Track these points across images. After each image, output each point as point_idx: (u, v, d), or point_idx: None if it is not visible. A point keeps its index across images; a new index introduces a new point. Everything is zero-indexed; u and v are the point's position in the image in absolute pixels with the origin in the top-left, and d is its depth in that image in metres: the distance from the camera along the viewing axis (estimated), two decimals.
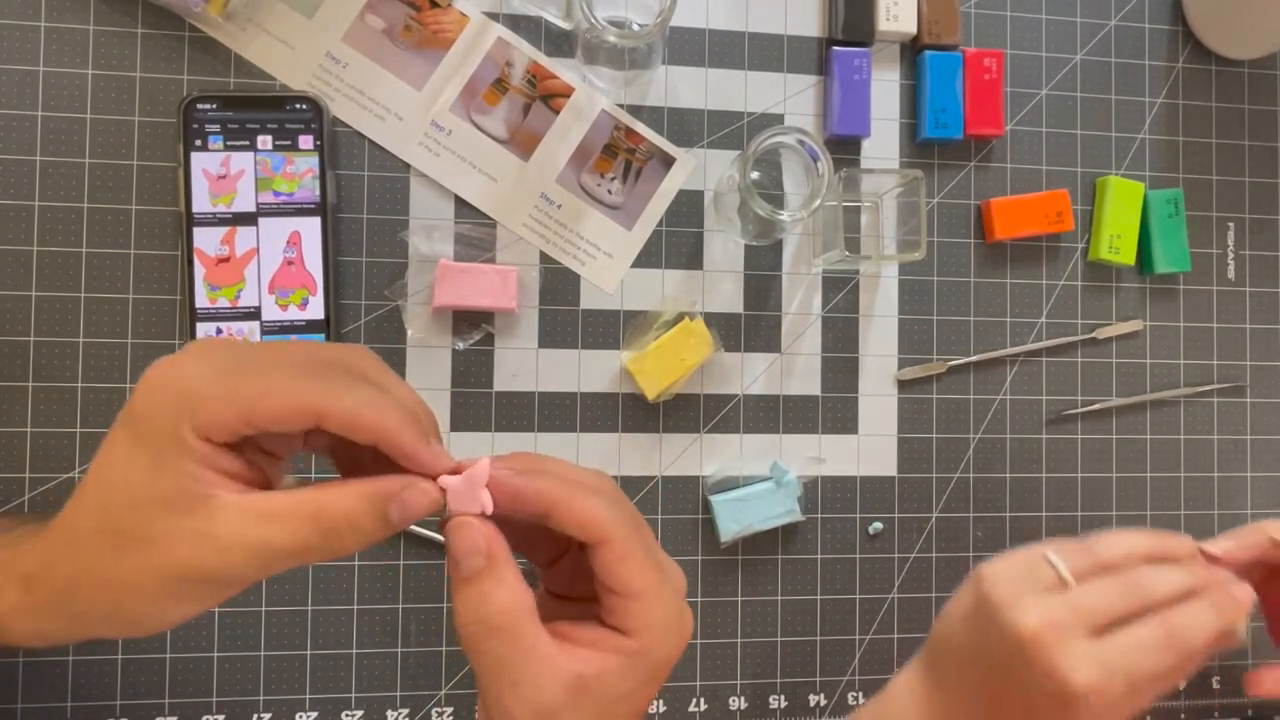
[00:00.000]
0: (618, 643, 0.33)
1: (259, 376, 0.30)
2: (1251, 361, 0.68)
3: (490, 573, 0.32)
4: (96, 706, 0.55)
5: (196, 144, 0.55)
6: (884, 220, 0.63)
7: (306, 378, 0.31)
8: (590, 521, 0.33)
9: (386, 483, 0.32)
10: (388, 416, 0.31)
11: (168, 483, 0.30)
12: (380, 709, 0.58)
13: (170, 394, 0.30)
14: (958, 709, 0.45)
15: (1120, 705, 0.41)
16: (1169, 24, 0.68)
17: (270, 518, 0.30)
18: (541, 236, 0.60)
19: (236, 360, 0.31)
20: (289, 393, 0.30)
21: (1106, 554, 0.44)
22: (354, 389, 0.31)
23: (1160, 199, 0.65)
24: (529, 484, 0.33)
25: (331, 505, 0.31)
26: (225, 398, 0.30)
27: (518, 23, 0.60)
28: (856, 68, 0.62)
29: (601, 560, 0.33)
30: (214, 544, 0.30)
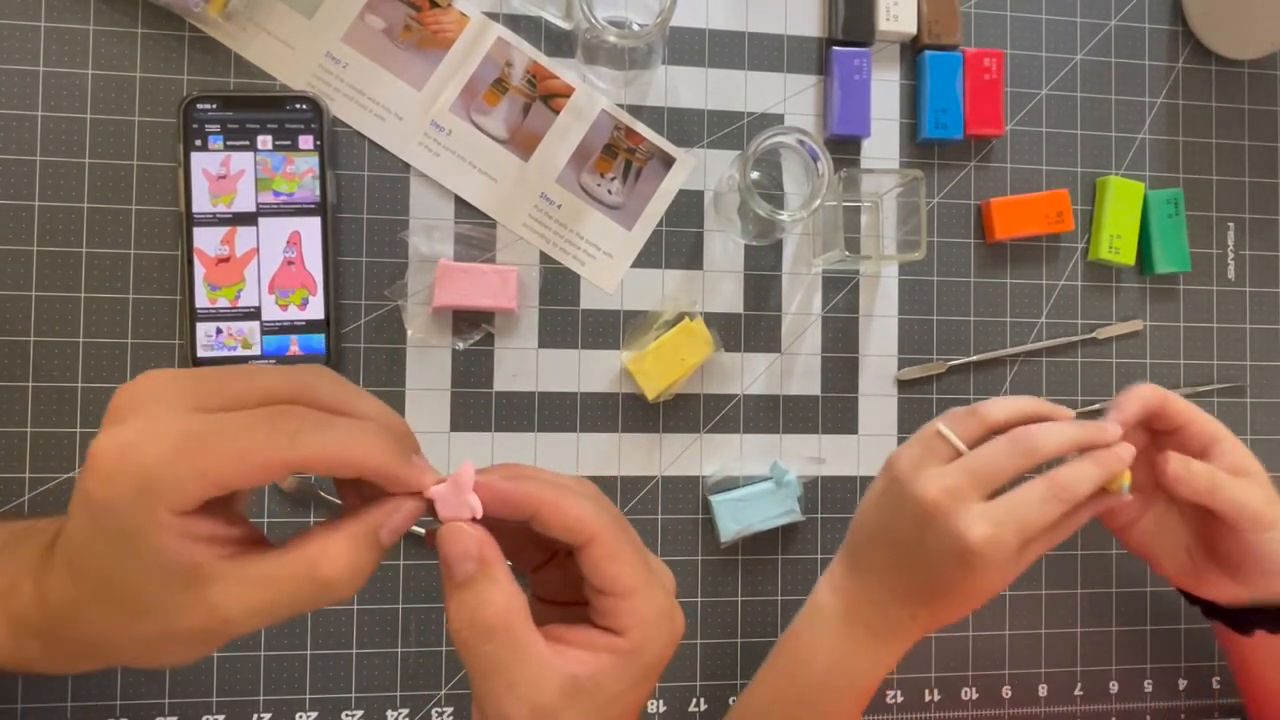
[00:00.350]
0: (610, 642, 0.33)
1: (224, 440, 0.29)
2: (1251, 361, 0.68)
3: (483, 576, 0.32)
4: (96, 706, 0.55)
5: (196, 144, 0.55)
6: (884, 220, 0.63)
7: (272, 428, 0.29)
8: (577, 522, 0.32)
9: (372, 517, 0.32)
10: (363, 449, 0.31)
11: (152, 564, 0.29)
12: (380, 709, 0.58)
13: (130, 482, 0.28)
14: (876, 587, 0.49)
15: (1015, 557, 0.46)
16: (1169, 24, 0.68)
17: (268, 582, 0.30)
18: (541, 236, 0.60)
19: (190, 419, 0.29)
20: (258, 453, 0.29)
21: (992, 417, 0.48)
22: (323, 430, 0.30)
23: (1160, 199, 0.65)
24: (515, 487, 0.33)
25: (327, 558, 0.30)
26: (191, 475, 0.28)
27: (518, 23, 0.60)
28: (856, 68, 0.62)
29: (590, 560, 0.33)
30: (216, 613, 0.30)
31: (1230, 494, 0.47)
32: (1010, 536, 0.45)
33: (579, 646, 0.33)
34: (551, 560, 0.37)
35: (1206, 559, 0.52)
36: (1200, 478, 0.47)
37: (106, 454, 0.28)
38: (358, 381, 0.58)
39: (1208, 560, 0.51)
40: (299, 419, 0.30)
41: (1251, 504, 0.48)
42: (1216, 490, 0.47)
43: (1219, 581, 0.51)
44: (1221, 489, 0.47)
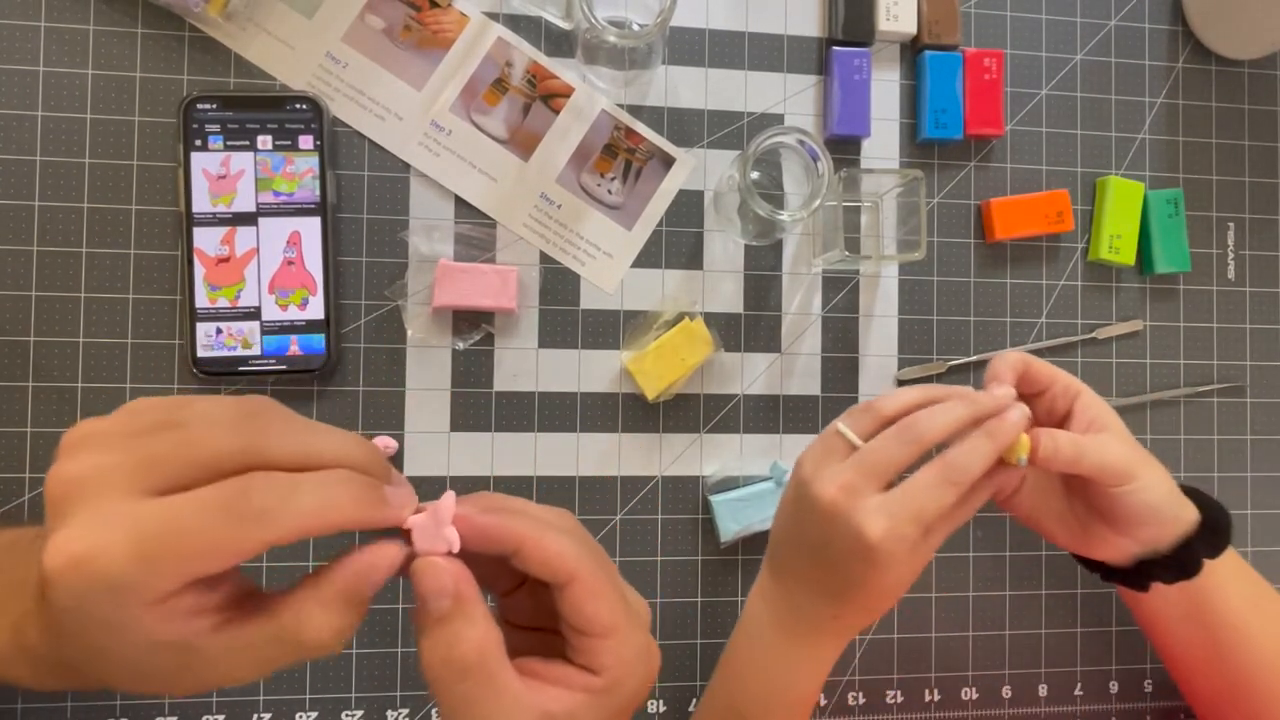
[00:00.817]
0: (586, 681, 0.33)
1: (182, 539, 0.27)
2: (1251, 361, 0.68)
3: (459, 613, 0.31)
4: (96, 706, 0.55)
5: (196, 144, 0.55)
6: (884, 220, 0.63)
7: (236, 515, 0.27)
8: (559, 560, 0.32)
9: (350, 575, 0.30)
10: (338, 509, 0.29)
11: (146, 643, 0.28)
12: (380, 709, 0.58)
13: (98, 591, 0.27)
14: (797, 591, 0.49)
15: (919, 546, 0.45)
16: (1169, 24, 0.68)
17: (256, 648, 0.29)
18: (541, 236, 0.60)
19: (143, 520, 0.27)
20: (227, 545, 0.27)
21: (886, 410, 0.48)
22: (291, 500, 0.28)
23: (1160, 199, 0.65)
24: (496, 521, 0.32)
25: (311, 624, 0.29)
26: (160, 575, 0.27)
27: (518, 23, 0.60)
28: (856, 68, 0.62)
29: (569, 600, 0.32)
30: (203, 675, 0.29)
31: (1093, 458, 0.48)
32: (907, 528, 0.44)
33: (554, 683, 0.32)
34: (522, 585, 0.36)
35: (1088, 517, 0.52)
36: (1065, 450, 0.47)
37: (62, 571, 0.27)
38: (357, 382, 0.58)
39: (1090, 518, 0.52)
40: (261, 494, 0.28)
41: (1112, 462, 0.48)
42: (1081, 458, 0.47)
43: (1105, 537, 0.51)
44: (1085, 455, 0.47)
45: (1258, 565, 0.67)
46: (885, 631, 0.63)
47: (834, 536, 0.46)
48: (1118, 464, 0.48)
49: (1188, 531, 0.50)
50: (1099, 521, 0.51)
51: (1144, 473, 0.49)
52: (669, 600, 0.61)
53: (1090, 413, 0.50)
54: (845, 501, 0.45)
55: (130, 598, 0.27)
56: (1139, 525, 0.50)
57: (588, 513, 0.60)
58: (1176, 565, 0.50)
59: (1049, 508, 0.53)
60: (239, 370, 0.56)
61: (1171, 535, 0.50)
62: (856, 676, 0.62)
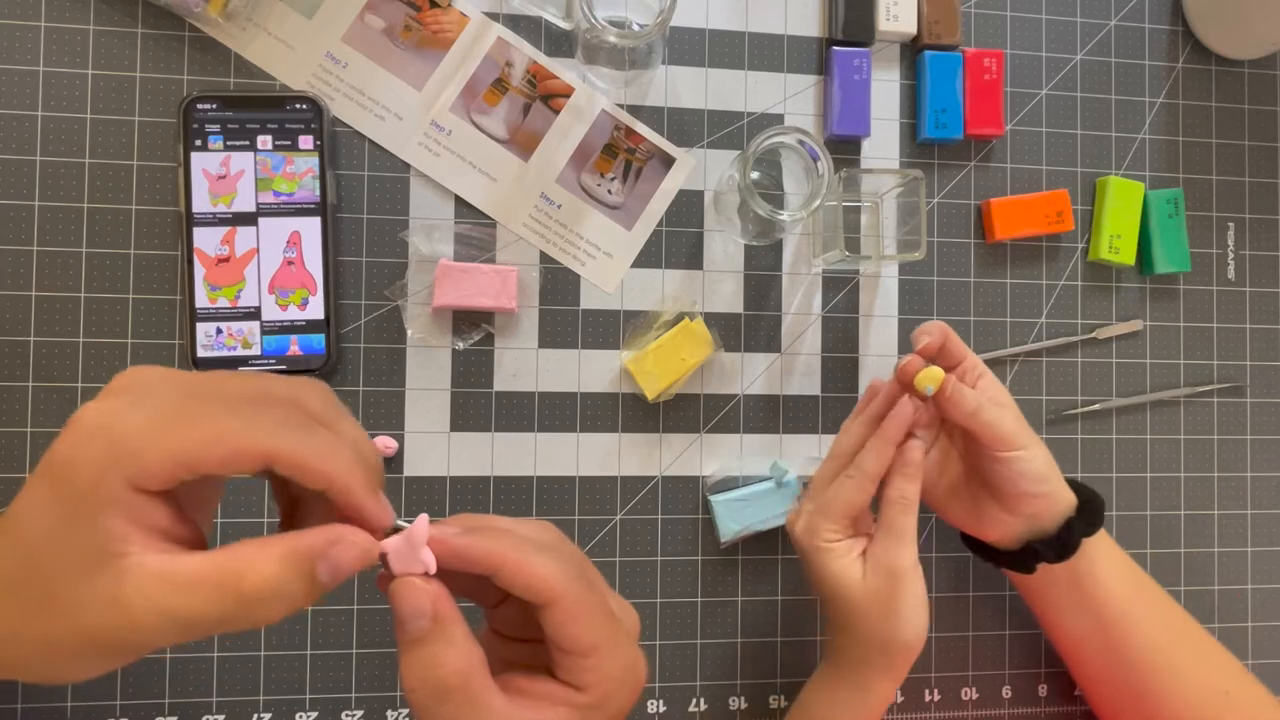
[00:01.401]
0: (570, 697, 0.32)
1: (204, 419, 0.28)
2: (1251, 361, 0.68)
3: (438, 634, 0.31)
4: (96, 706, 0.55)
5: (196, 144, 0.55)
6: (884, 220, 0.63)
7: (255, 418, 0.29)
8: (541, 582, 0.31)
9: (311, 538, 0.29)
10: (338, 464, 0.29)
11: (82, 541, 0.27)
12: (380, 709, 0.58)
13: (101, 443, 0.27)
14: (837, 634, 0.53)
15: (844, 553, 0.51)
16: (1169, 24, 0.68)
17: (186, 587, 0.28)
18: (541, 236, 0.60)
19: (179, 399, 0.29)
20: (237, 436, 0.28)
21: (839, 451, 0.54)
22: (306, 432, 0.29)
23: (1160, 199, 0.65)
24: (473, 543, 0.31)
25: (253, 571, 0.28)
26: (166, 446, 0.27)
27: (518, 23, 0.60)
28: (856, 68, 0.62)
29: (553, 621, 0.32)
30: (124, 612, 0.27)
31: (988, 417, 0.51)
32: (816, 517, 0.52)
33: (539, 700, 0.32)
34: (509, 597, 0.35)
35: (981, 494, 0.55)
36: (968, 398, 0.51)
37: (90, 412, 0.28)
38: (357, 382, 0.58)
39: (981, 495, 0.55)
40: (283, 414, 0.29)
41: (1004, 426, 0.52)
42: (979, 412, 0.51)
43: (996, 516, 0.54)
44: (983, 411, 0.51)
45: (1257, 565, 0.67)
46: None
47: (815, 575, 0.52)
48: (1008, 430, 0.52)
49: (1067, 512, 0.54)
50: (989, 498, 0.54)
51: (1030, 445, 0.53)
52: (669, 600, 0.61)
53: (991, 391, 0.54)
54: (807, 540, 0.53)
55: (121, 467, 0.27)
56: (1024, 498, 0.53)
57: (588, 513, 0.60)
58: (1059, 544, 0.54)
59: (947, 484, 0.57)
60: (239, 370, 0.56)
61: (1053, 514, 0.53)
62: None
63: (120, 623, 0.27)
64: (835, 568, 0.51)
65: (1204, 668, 0.56)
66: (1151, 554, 0.66)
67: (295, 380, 0.31)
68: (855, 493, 0.51)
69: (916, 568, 0.51)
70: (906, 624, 0.50)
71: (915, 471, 0.51)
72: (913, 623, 0.50)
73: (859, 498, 0.51)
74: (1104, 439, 0.65)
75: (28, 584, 0.28)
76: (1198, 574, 0.66)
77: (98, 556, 0.27)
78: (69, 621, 0.28)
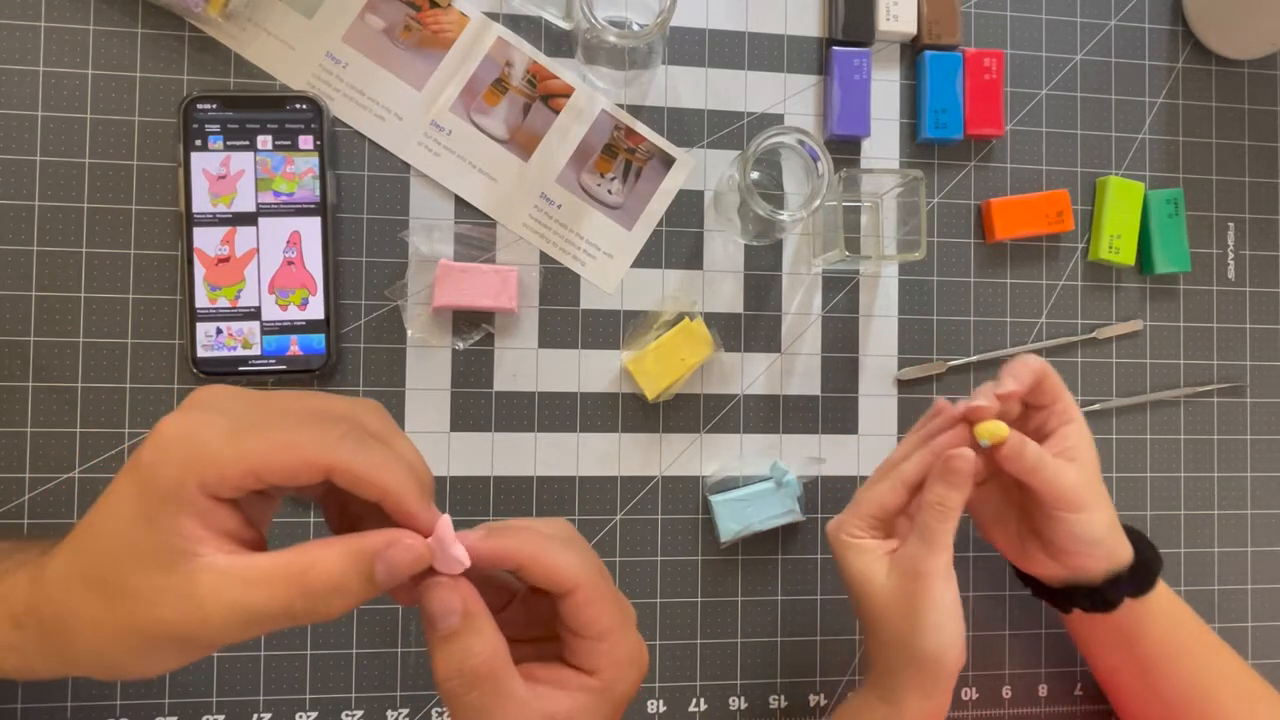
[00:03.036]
0: (583, 681, 0.35)
1: (273, 431, 0.31)
2: (1251, 361, 0.68)
3: (468, 628, 0.33)
4: (96, 706, 0.55)
5: (196, 144, 0.55)
6: (884, 220, 0.63)
7: (319, 432, 0.31)
8: (560, 573, 0.34)
9: (371, 540, 0.32)
10: (395, 477, 0.32)
11: (159, 539, 0.30)
12: (380, 709, 0.58)
13: (182, 450, 0.30)
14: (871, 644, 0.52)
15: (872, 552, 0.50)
16: (1169, 24, 0.68)
17: (253, 582, 0.30)
18: (541, 236, 0.60)
19: (250, 413, 0.32)
20: (303, 449, 0.31)
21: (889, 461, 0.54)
22: (365, 446, 0.32)
23: (1160, 199, 0.65)
24: (499, 543, 0.34)
25: (316, 567, 0.31)
26: (239, 455, 0.30)
27: (518, 23, 0.60)
28: (856, 68, 0.62)
29: (570, 607, 0.34)
30: (195, 607, 0.30)
31: (1048, 475, 0.49)
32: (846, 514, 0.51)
33: (554, 685, 0.35)
34: (512, 601, 0.38)
35: (1027, 533, 0.53)
36: (1029, 455, 0.49)
37: (172, 422, 0.31)
38: (357, 382, 0.58)
39: (1027, 534, 0.53)
40: (344, 430, 0.32)
41: (1063, 487, 0.49)
42: (1037, 470, 0.49)
43: (1038, 557, 0.53)
44: (1042, 469, 0.49)
45: (1257, 566, 0.67)
46: None
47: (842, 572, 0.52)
48: (1067, 491, 0.49)
49: (1117, 570, 0.51)
50: (1034, 539, 0.53)
51: (1091, 507, 0.50)
52: (669, 600, 0.61)
53: (1069, 441, 0.51)
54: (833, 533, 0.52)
55: (198, 473, 0.30)
56: (1073, 554, 0.51)
57: (588, 513, 0.60)
58: (1099, 598, 0.52)
59: (994, 511, 0.55)
60: (239, 370, 0.56)
61: (1100, 570, 0.51)
62: (857, 677, 0.62)
63: (192, 617, 0.30)
64: (859, 564, 0.50)
65: (1245, 712, 0.54)
66: None
67: (355, 400, 0.35)
68: (887, 493, 0.51)
69: (947, 576, 0.48)
70: (931, 630, 0.47)
71: (960, 481, 0.48)
72: (939, 630, 0.47)
73: (891, 498, 0.50)
74: (1104, 439, 0.65)
75: (107, 578, 0.31)
76: (1198, 574, 0.66)
77: (173, 555, 0.30)
78: (145, 614, 0.30)
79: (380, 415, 0.35)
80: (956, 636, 0.48)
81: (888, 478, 0.51)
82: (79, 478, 0.55)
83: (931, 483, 0.49)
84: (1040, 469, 0.49)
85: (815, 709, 0.62)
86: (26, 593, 0.33)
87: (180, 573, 0.30)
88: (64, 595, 0.32)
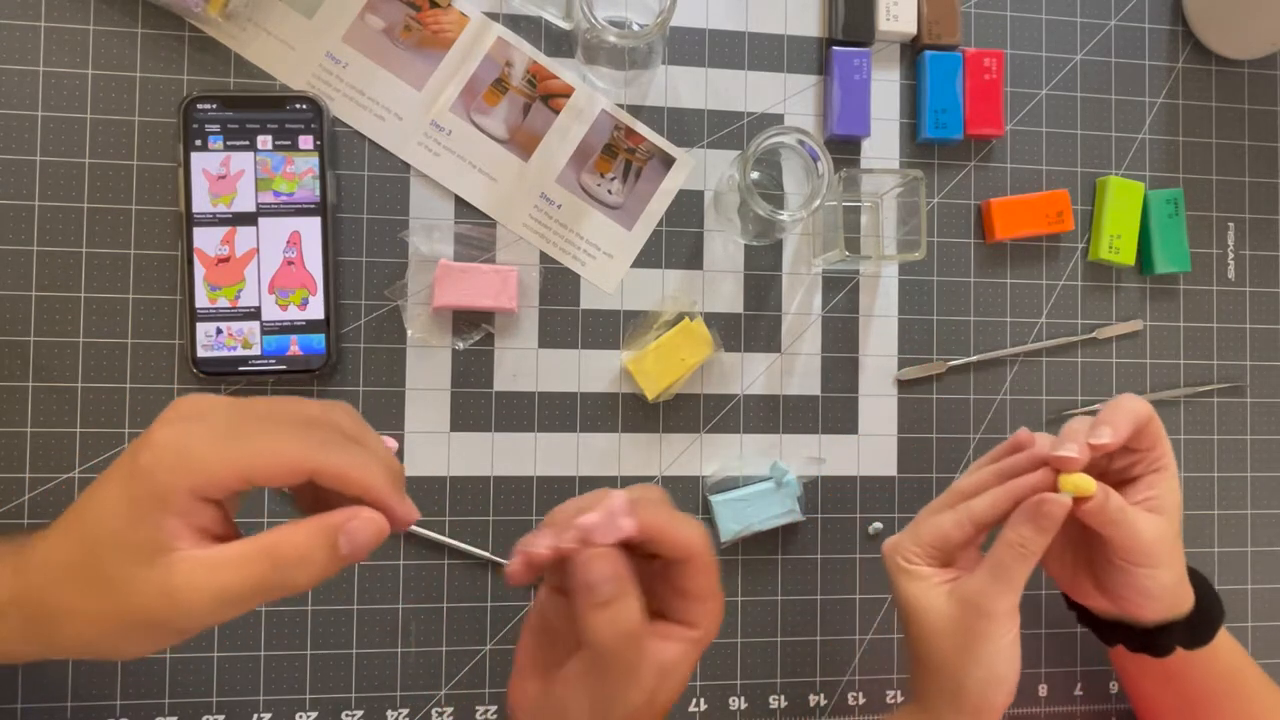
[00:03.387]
0: (685, 634, 0.39)
1: (260, 437, 0.34)
2: (1251, 361, 0.68)
3: (624, 592, 0.37)
4: (96, 706, 0.55)
5: (196, 144, 0.55)
6: (884, 220, 0.63)
7: (302, 436, 0.34)
8: (687, 544, 0.39)
9: (334, 516, 0.35)
10: (374, 475, 0.35)
11: (141, 534, 0.33)
12: (380, 709, 0.58)
13: (173, 453, 0.33)
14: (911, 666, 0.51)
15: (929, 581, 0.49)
16: (1169, 24, 0.68)
17: (224, 564, 0.33)
18: (541, 236, 0.60)
19: (237, 421, 0.34)
20: (289, 454, 0.34)
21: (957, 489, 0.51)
22: (345, 449, 0.35)
23: (1160, 199, 0.65)
24: (647, 518, 0.38)
25: (284, 541, 0.34)
26: (229, 460, 0.33)
27: (518, 23, 0.60)
28: (856, 68, 0.62)
29: (689, 571, 0.39)
30: (171, 595, 0.33)
31: (1126, 532, 0.47)
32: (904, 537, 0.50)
33: (661, 638, 0.39)
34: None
35: (1083, 567, 0.52)
36: (1111, 512, 0.46)
37: (164, 428, 0.34)
38: (357, 382, 0.58)
39: (1082, 566, 0.52)
40: (326, 433, 0.35)
41: (1140, 544, 0.47)
42: (1117, 525, 0.47)
43: (1090, 592, 0.51)
44: (1122, 525, 0.47)
45: (1257, 565, 0.67)
46: (886, 631, 0.63)
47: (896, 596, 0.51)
48: (1142, 546, 0.47)
49: (1173, 618, 0.50)
50: (1088, 574, 0.51)
51: (1161, 564, 0.48)
52: None
53: (1156, 491, 0.49)
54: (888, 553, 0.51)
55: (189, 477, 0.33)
56: (1129, 603, 0.49)
57: None
58: (1149, 642, 0.50)
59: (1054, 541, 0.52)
60: (239, 370, 0.56)
61: (1154, 617, 0.50)
62: (857, 676, 0.62)
63: (165, 604, 0.33)
64: (912, 590, 0.48)
65: None
66: None
67: (327, 403, 0.38)
68: (952, 527, 0.48)
69: (1012, 618, 0.46)
70: (983, 668, 0.46)
71: (1049, 526, 0.46)
72: (993, 671, 0.46)
73: (955, 533, 0.48)
74: None
75: (89, 569, 0.33)
76: None
77: (153, 549, 0.33)
78: (123, 603, 0.33)
79: (352, 416, 0.38)
80: (1010, 677, 0.46)
81: (954, 510, 0.49)
82: (79, 477, 0.55)
83: (1016, 523, 0.46)
84: (1120, 523, 0.46)
85: (815, 709, 0.62)
86: (9, 584, 0.35)
87: (158, 566, 0.33)
88: (49, 584, 0.34)
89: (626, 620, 0.37)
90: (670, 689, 0.39)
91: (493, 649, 0.59)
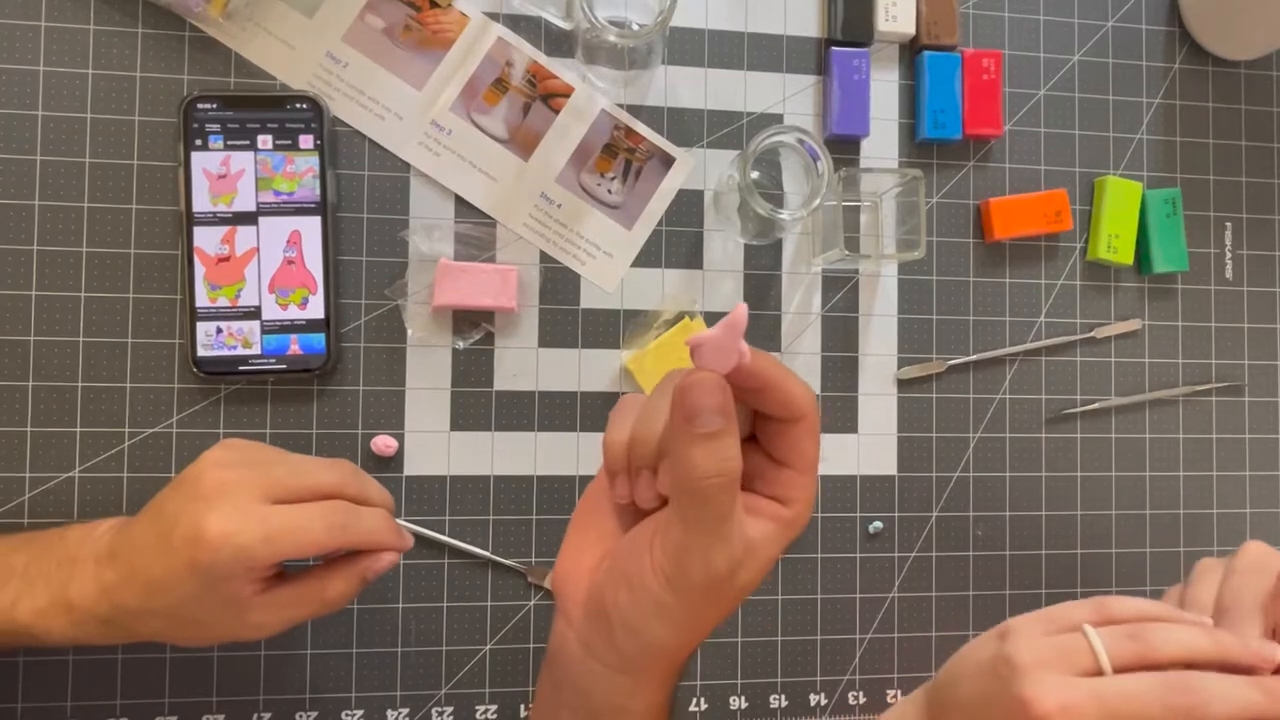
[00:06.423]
0: (776, 510, 0.36)
1: (294, 533, 0.44)
2: (1249, 361, 0.68)
3: (729, 429, 0.33)
4: (96, 706, 0.55)
5: (197, 143, 0.55)
6: (884, 220, 0.63)
7: (327, 524, 0.45)
8: (799, 401, 0.34)
9: (361, 560, 0.48)
10: (382, 534, 0.48)
11: (220, 598, 0.44)
12: (380, 709, 0.58)
13: (229, 555, 0.43)
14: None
15: None
16: (1166, 25, 0.68)
17: (288, 604, 0.46)
18: (541, 236, 0.60)
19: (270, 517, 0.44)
20: (318, 543, 0.45)
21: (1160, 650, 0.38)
22: (359, 522, 0.47)
23: (1158, 199, 0.66)
24: (760, 360, 0.33)
25: (328, 586, 0.47)
26: (274, 553, 0.44)
27: (518, 23, 0.60)
28: (856, 68, 0.62)
29: (794, 434, 0.35)
30: (249, 627, 0.46)
31: None
32: None
33: (753, 513, 0.35)
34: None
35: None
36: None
37: (214, 535, 0.43)
38: (357, 381, 0.58)
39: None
40: (343, 515, 0.46)
41: None
42: None
43: None
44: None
45: None
46: (886, 631, 0.63)
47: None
48: None
49: None
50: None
51: None
52: None
53: None
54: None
55: (245, 566, 0.43)
56: None
57: None
58: None
59: None
60: (239, 370, 0.56)
61: None
62: (857, 676, 0.62)
63: (249, 631, 0.46)
64: None
65: None
66: (1151, 553, 0.66)
67: (336, 470, 0.48)
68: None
69: None
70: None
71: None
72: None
73: None
74: (1103, 438, 0.66)
75: (180, 617, 0.45)
76: None
77: (229, 602, 0.45)
78: (209, 633, 0.47)
79: (357, 476, 0.49)
80: None
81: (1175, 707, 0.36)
82: (79, 477, 0.55)
83: None
84: None
85: (815, 709, 0.62)
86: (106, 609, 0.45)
87: (240, 611, 0.45)
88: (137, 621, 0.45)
89: (728, 457, 0.33)
90: (753, 569, 0.35)
91: (493, 648, 0.59)
